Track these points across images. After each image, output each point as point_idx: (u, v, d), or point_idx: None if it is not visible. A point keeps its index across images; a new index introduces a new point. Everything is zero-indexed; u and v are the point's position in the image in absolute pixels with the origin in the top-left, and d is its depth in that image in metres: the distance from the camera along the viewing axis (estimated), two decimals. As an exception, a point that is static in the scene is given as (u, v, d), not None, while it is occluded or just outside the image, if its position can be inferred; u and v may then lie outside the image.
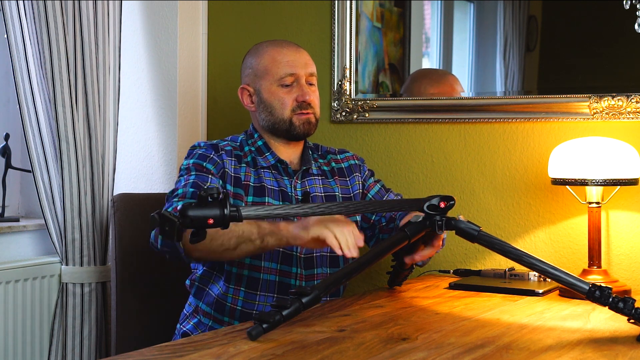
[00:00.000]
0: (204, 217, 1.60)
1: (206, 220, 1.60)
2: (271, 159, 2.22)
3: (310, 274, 2.16)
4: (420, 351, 1.55)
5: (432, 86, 2.74)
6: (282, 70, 2.20)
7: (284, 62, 2.21)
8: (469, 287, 2.28)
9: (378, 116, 2.71)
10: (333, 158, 2.34)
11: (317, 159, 2.32)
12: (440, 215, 1.87)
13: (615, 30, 2.44)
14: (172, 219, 1.58)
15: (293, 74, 2.21)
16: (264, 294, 2.12)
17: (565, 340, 1.67)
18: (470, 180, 2.60)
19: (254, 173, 2.18)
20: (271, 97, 2.21)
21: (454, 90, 2.70)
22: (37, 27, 2.49)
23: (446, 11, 2.75)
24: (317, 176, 2.27)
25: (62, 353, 2.62)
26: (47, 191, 2.59)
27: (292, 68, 2.21)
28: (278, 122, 2.21)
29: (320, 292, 1.66)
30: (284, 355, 1.51)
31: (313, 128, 2.24)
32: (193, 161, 2.14)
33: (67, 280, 2.61)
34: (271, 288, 2.12)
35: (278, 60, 2.22)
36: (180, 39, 2.86)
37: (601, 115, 2.40)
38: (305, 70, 2.23)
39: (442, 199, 1.87)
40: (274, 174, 2.20)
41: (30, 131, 2.56)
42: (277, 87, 2.21)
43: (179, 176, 2.13)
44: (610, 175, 2.21)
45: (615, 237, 2.40)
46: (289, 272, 2.13)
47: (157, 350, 1.55)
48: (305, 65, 2.23)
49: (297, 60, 2.22)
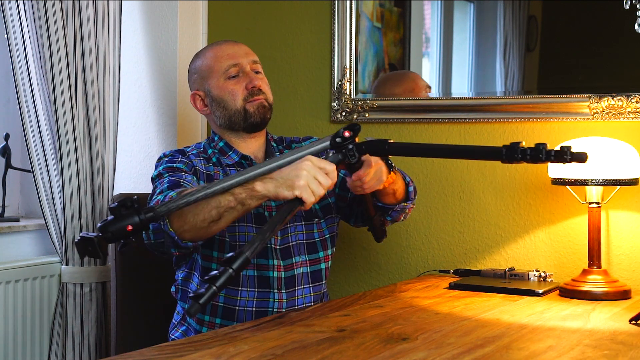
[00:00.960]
0: (122, 226, 1.66)
1: (125, 229, 1.66)
2: (235, 157, 2.23)
3: (288, 263, 2.15)
4: (420, 351, 1.55)
5: (396, 86, 2.78)
6: (224, 63, 2.23)
7: (224, 56, 2.25)
8: (469, 287, 2.28)
9: (378, 116, 2.71)
10: (297, 146, 2.33)
11: (282, 150, 2.32)
12: (350, 143, 1.87)
13: (615, 30, 2.44)
14: (90, 238, 1.65)
15: (236, 64, 2.23)
16: (245, 289, 2.12)
17: (565, 340, 1.67)
18: (470, 180, 2.60)
19: (222, 171, 2.21)
20: (221, 92, 2.23)
21: (416, 85, 2.75)
22: (37, 27, 2.49)
23: (446, 11, 2.75)
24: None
25: (62, 353, 2.62)
26: (47, 191, 2.59)
27: (234, 59, 2.24)
28: (233, 114, 2.22)
29: (249, 255, 1.62)
30: (284, 355, 1.51)
31: (268, 112, 2.24)
32: (163, 167, 2.15)
33: (67, 280, 2.61)
34: (251, 283, 2.12)
35: (219, 55, 2.26)
36: (180, 39, 2.86)
37: (601, 115, 2.40)
38: (248, 58, 2.26)
39: (345, 129, 1.87)
40: (239, 171, 2.19)
41: (30, 131, 2.56)
42: (225, 81, 2.23)
43: (153, 187, 2.11)
44: (610, 175, 2.21)
45: (615, 237, 2.40)
46: (267, 264, 2.13)
47: (157, 350, 1.55)
48: (246, 55, 2.26)
49: (237, 52, 2.26)
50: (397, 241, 2.68)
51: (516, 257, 2.52)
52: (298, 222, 2.19)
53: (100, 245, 1.65)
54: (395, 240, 2.68)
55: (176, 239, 1.94)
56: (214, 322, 2.13)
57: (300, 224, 2.19)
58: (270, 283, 2.12)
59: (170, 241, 1.97)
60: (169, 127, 2.86)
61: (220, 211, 1.86)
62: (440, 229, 2.63)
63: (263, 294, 2.12)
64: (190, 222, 1.87)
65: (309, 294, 2.17)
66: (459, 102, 2.63)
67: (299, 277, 2.15)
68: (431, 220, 2.65)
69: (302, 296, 2.16)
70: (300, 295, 2.15)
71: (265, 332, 1.71)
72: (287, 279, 2.14)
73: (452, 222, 2.62)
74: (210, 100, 2.26)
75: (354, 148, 1.86)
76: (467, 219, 2.60)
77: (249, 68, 2.24)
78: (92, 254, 1.66)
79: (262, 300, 2.11)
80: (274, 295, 2.12)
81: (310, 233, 2.21)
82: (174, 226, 1.90)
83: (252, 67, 2.25)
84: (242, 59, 2.24)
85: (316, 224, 2.22)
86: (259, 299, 2.11)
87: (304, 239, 2.19)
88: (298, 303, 2.14)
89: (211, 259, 2.13)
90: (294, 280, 2.14)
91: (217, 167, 2.22)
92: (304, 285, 2.16)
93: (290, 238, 2.17)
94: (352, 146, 1.86)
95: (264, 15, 2.89)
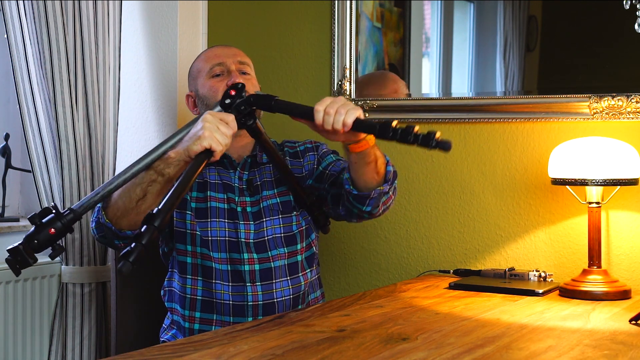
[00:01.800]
0: (46, 233, 1.75)
1: (49, 233, 1.75)
2: None
3: (264, 257, 2.16)
4: (420, 351, 1.55)
5: (381, 88, 2.78)
6: (210, 63, 2.29)
7: (212, 56, 2.31)
8: (469, 287, 2.28)
9: (378, 116, 2.71)
10: (289, 145, 2.35)
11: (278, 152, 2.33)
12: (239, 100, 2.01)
13: (615, 30, 2.44)
14: (16, 247, 1.74)
15: (220, 63, 2.27)
16: (219, 282, 2.14)
17: (565, 340, 1.67)
18: (470, 180, 2.60)
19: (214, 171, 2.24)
20: (205, 90, 2.27)
21: (398, 88, 2.76)
22: (37, 27, 2.49)
23: (446, 11, 2.75)
24: (268, 164, 2.27)
25: (62, 353, 2.62)
26: (47, 191, 2.59)
27: (219, 58, 2.28)
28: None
29: (164, 209, 1.68)
30: (284, 355, 1.51)
31: None
32: None
33: (67, 280, 2.61)
34: (225, 277, 2.15)
35: (208, 56, 2.32)
36: (180, 39, 2.86)
37: (601, 115, 2.40)
38: (234, 59, 2.29)
39: (230, 88, 2.03)
40: (218, 169, 2.24)
41: (30, 131, 2.56)
42: (209, 79, 2.27)
43: None
44: (610, 175, 2.21)
45: (615, 237, 2.40)
46: (239, 258, 2.15)
47: (157, 350, 1.55)
48: (233, 55, 2.30)
49: (224, 52, 2.31)
50: (397, 241, 2.68)
51: (516, 257, 2.52)
52: (275, 215, 2.20)
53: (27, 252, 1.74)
54: (395, 240, 2.69)
55: (113, 229, 2.00)
56: (193, 315, 2.17)
57: (277, 217, 2.20)
58: (244, 277, 2.14)
59: (109, 233, 2.03)
60: (169, 127, 2.86)
61: (144, 187, 1.94)
62: (440, 229, 2.63)
63: (238, 287, 2.14)
64: (121, 206, 1.96)
65: (288, 287, 2.17)
66: (459, 102, 2.63)
67: (277, 270, 2.16)
68: (431, 220, 2.65)
69: (281, 289, 2.16)
70: (278, 288, 2.16)
71: (265, 332, 1.71)
72: (262, 272, 2.15)
73: (452, 222, 2.62)
74: (198, 99, 2.31)
75: (243, 103, 1.99)
76: (467, 219, 2.60)
77: (234, 67, 2.26)
78: (20, 263, 1.74)
79: (237, 294, 2.14)
80: (249, 288, 2.14)
81: (289, 226, 2.21)
82: (109, 216, 1.98)
83: (239, 67, 2.27)
84: (228, 59, 2.28)
85: (295, 216, 2.22)
86: (234, 292, 2.14)
87: (282, 232, 2.20)
88: (277, 296, 2.14)
89: (186, 253, 2.17)
90: (271, 274, 2.15)
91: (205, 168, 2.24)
92: (281, 278, 2.16)
93: (267, 232, 2.18)
94: (240, 101, 1.99)
95: (264, 15, 2.89)
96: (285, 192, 2.24)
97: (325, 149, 2.34)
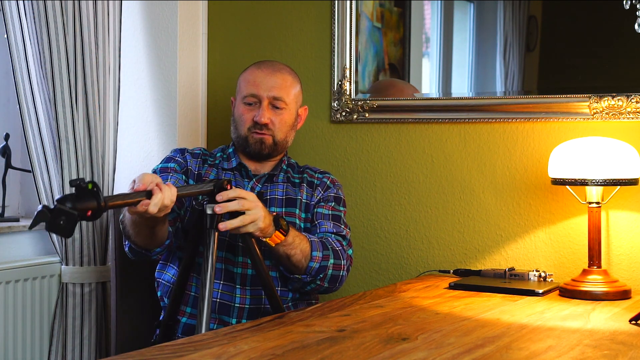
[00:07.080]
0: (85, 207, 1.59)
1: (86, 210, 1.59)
2: (234, 163, 2.33)
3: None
4: (420, 351, 1.55)
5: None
6: (246, 89, 2.32)
7: (250, 82, 2.32)
8: (469, 287, 2.28)
9: (378, 116, 2.71)
10: (309, 173, 2.39)
11: (289, 171, 2.38)
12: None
13: (616, 30, 2.44)
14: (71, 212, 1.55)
15: (254, 95, 2.30)
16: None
17: (565, 340, 1.67)
18: (470, 180, 2.60)
19: (215, 172, 2.31)
20: (237, 113, 2.34)
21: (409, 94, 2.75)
22: (37, 27, 2.49)
23: (446, 11, 2.75)
24: (282, 183, 2.33)
25: (62, 353, 2.62)
26: (47, 191, 2.59)
27: (254, 89, 2.30)
28: (238, 137, 2.33)
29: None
30: (284, 355, 1.51)
31: (267, 148, 2.31)
32: (160, 165, 2.30)
33: (67, 280, 2.61)
34: (217, 275, 2.18)
35: (248, 79, 2.33)
36: (180, 39, 2.86)
37: (601, 115, 2.40)
38: (268, 93, 2.29)
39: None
40: (235, 175, 2.31)
41: (30, 131, 2.56)
42: (242, 104, 2.32)
43: None
44: (610, 175, 2.21)
45: (615, 237, 2.40)
46: (233, 260, 2.20)
47: (157, 350, 1.55)
48: (269, 89, 2.30)
49: (262, 83, 2.30)
50: (397, 241, 2.68)
51: (516, 257, 2.52)
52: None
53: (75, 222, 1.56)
54: (395, 240, 2.68)
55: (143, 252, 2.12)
56: (184, 310, 2.21)
57: None
58: (234, 278, 2.18)
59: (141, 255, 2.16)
60: (169, 127, 2.86)
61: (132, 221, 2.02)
62: (440, 229, 2.63)
63: (227, 287, 2.19)
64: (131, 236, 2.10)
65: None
66: (459, 102, 2.63)
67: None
68: (431, 220, 2.65)
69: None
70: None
71: (265, 332, 1.71)
72: (253, 277, 2.18)
73: (452, 222, 2.62)
74: (233, 112, 2.38)
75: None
76: (467, 219, 2.60)
77: (266, 103, 2.29)
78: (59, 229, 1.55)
79: (225, 293, 2.18)
80: (238, 290, 2.18)
81: None
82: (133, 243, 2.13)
83: (272, 102, 2.30)
84: (262, 92, 2.29)
85: None
86: (223, 291, 2.18)
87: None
88: (265, 303, 2.16)
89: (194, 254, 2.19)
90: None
91: (211, 168, 2.32)
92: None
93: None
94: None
95: (264, 15, 2.89)
96: (292, 213, 2.28)
97: (332, 192, 2.36)
